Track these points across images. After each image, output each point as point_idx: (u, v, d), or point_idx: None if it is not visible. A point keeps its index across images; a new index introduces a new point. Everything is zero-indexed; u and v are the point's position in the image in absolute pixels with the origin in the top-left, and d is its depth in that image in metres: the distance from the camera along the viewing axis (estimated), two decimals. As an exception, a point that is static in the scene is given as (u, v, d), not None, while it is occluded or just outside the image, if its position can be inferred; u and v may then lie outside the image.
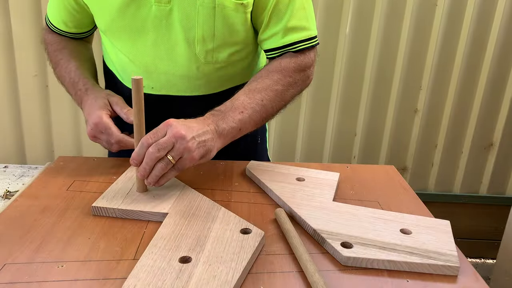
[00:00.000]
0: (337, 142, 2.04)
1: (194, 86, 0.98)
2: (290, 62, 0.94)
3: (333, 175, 0.95)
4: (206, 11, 0.88)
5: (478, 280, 0.66)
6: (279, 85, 0.92)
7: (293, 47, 0.94)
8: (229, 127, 0.84)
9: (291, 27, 0.93)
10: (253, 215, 0.81)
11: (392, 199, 0.89)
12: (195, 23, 0.90)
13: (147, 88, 0.98)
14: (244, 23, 0.92)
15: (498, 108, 2.03)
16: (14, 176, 1.34)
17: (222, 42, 0.93)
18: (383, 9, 1.85)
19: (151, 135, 0.78)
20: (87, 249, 0.69)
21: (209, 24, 0.90)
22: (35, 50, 1.81)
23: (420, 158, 2.09)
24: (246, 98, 0.89)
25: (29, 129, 1.92)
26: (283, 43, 0.94)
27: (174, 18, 0.90)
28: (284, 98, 0.94)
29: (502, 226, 2.06)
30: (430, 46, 1.91)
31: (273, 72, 0.93)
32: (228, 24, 0.91)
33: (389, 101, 1.99)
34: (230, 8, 0.89)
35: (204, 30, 0.90)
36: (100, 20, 0.95)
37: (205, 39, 0.91)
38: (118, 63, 1.02)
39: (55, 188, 0.88)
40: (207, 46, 0.93)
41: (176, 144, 0.77)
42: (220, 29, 0.91)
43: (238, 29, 0.92)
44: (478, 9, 1.87)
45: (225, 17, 0.90)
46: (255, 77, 0.94)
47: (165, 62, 0.95)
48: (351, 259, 0.67)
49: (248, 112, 0.87)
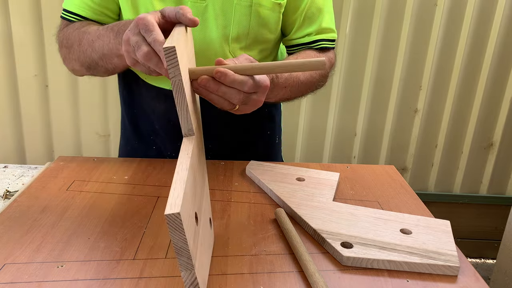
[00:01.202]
0: (337, 142, 2.04)
1: None
2: (319, 55, 0.98)
3: (333, 175, 0.95)
4: (243, 10, 0.89)
5: (478, 280, 0.66)
6: (316, 75, 0.95)
7: (316, 44, 0.98)
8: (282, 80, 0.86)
9: (323, 28, 0.98)
10: (253, 215, 0.81)
11: (392, 199, 0.89)
12: (231, 21, 0.90)
13: None
14: (276, 22, 0.94)
15: (498, 108, 2.03)
16: (14, 176, 1.34)
17: (254, 40, 0.94)
18: (383, 9, 1.85)
19: (241, 86, 0.66)
20: (87, 249, 0.69)
21: (245, 23, 0.91)
22: (35, 50, 1.81)
23: (420, 158, 2.09)
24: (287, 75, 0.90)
25: (29, 129, 1.92)
26: (310, 39, 0.98)
27: (209, 15, 0.89)
28: (314, 88, 0.97)
29: (502, 226, 2.06)
30: (430, 46, 1.91)
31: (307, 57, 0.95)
32: (263, 23, 0.92)
33: (389, 101, 1.99)
34: (266, 7, 0.90)
35: (239, 28, 0.91)
36: (133, 17, 0.91)
37: (240, 37, 0.92)
38: None
39: (55, 188, 0.88)
40: (241, 43, 0.93)
41: (258, 90, 0.69)
42: (254, 28, 0.92)
43: (271, 28, 0.94)
44: (478, 9, 1.87)
45: (260, 16, 0.91)
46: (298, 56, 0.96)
47: (198, 59, 0.92)
48: (351, 259, 0.67)
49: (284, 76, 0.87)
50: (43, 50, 1.81)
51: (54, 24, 1.04)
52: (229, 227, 0.77)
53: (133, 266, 0.65)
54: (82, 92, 1.88)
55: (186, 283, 0.53)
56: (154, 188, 0.90)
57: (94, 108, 1.91)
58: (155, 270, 0.65)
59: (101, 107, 1.91)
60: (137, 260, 0.67)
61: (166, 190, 0.89)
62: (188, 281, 0.53)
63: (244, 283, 0.63)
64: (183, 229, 0.49)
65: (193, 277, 0.52)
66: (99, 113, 1.92)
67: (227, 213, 0.82)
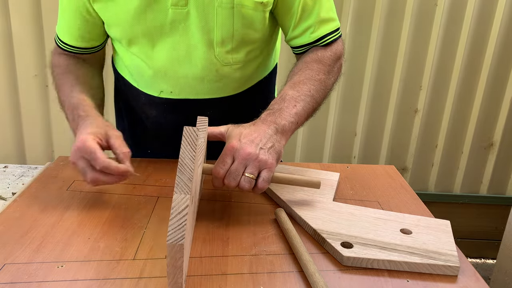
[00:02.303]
0: (337, 142, 2.04)
1: (213, 89, 0.97)
2: (325, 52, 0.94)
3: (333, 175, 0.95)
4: (225, 12, 0.87)
5: (478, 280, 0.66)
6: (321, 74, 0.91)
7: (322, 41, 0.95)
8: (288, 122, 0.82)
9: (322, 19, 0.94)
10: (253, 215, 0.81)
11: (392, 199, 0.89)
12: (214, 25, 0.88)
13: (166, 93, 0.97)
14: (262, 21, 0.91)
15: (498, 108, 2.03)
16: (14, 176, 1.34)
17: (240, 42, 0.92)
18: (383, 9, 1.85)
19: (221, 165, 0.75)
20: (87, 249, 0.69)
21: (228, 25, 0.89)
22: (35, 50, 1.81)
23: (420, 158, 2.09)
24: (294, 91, 0.87)
25: (29, 129, 1.92)
26: (314, 38, 0.94)
27: (191, 21, 0.88)
28: (327, 87, 0.93)
29: (502, 226, 2.06)
30: (430, 46, 1.91)
31: (312, 63, 0.92)
32: (247, 23, 0.90)
33: (389, 101, 1.99)
34: (249, 7, 0.88)
35: (223, 32, 0.89)
36: (115, 28, 0.92)
37: (224, 40, 0.90)
38: (134, 68, 0.98)
39: (55, 188, 0.88)
40: (226, 47, 0.91)
41: (249, 163, 0.74)
42: (238, 29, 0.90)
43: (256, 27, 0.92)
44: (478, 9, 1.87)
45: (244, 16, 0.88)
46: (293, 71, 0.93)
47: (184, 66, 0.93)
48: (351, 259, 0.67)
49: (301, 105, 0.85)
50: (43, 50, 1.81)
51: (54, 24, 1.04)
52: (229, 227, 0.77)
53: (133, 266, 0.65)
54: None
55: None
56: (154, 188, 0.89)
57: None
58: (155, 270, 0.65)
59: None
60: (137, 260, 0.67)
61: (166, 190, 0.89)
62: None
63: (244, 283, 0.63)
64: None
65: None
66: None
67: (227, 213, 0.82)
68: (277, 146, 0.78)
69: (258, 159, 0.74)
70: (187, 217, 0.57)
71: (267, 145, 0.76)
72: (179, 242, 0.55)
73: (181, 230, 0.56)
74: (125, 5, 0.87)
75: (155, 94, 0.98)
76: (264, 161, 0.75)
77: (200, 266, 0.66)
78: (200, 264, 0.67)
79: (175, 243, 0.55)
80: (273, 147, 0.77)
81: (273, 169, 0.77)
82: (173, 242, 0.55)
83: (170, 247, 0.55)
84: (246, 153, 0.74)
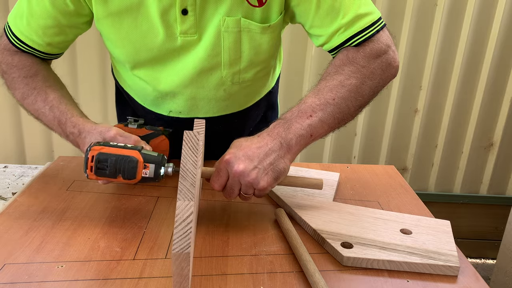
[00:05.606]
0: (337, 142, 2.04)
1: (221, 107, 0.96)
2: (357, 51, 0.83)
3: (333, 175, 0.95)
4: (232, 36, 0.85)
5: (478, 280, 0.66)
6: (352, 79, 0.81)
7: (353, 41, 0.83)
8: (297, 135, 0.76)
9: (349, 21, 0.82)
10: (253, 215, 0.81)
11: (392, 199, 0.89)
12: (221, 49, 0.86)
13: (175, 113, 0.96)
14: (270, 42, 0.88)
15: (498, 108, 2.03)
16: (14, 176, 1.34)
17: (249, 63, 0.89)
18: (383, 9, 1.85)
19: (216, 180, 0.74)
20: (87, 249, 0.69)
21: (235, 48, 0.86)
22: (35, 50, 1.81)
23: (420, 158, 2.09)
24: (315, 99, 0.79)
25: (29, 129, 1.92)
26: (343, 38, 0.83)
27: (200, 46, 0.86)
28: (361, 93, 0.82)
29: (502, 226, 2.06)
30: (430, 46, 1.90)
31: (342, 66, 0.83)
32: (255, 45, 0.87)
33: (389, 101, 1.99)
34: (255, 31, 0.85)
35: (231, 55, 0.87)
36: (121, 51, 0.89)
37: (232, 62, 0.88)
38: (139, 90, 0.97)
39: (55, 188, 0.88)
40: (234, 68, 0.89)
41: (241, 181, 0.72)
42: (246, 51, 0.87)
43: (264, 48, 0.88)
44: (478, 9, 1.87)
45: (251, 39, 0.86)
46: (323, 76, 0.84)
47: (191, 88, 0.91)
48: (351, 259, 0.67)
49: (318, 115, 0.78)
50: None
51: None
52: (229, 227, 0.77)
53: (133, 266, 0.65)
54: (82, 92, 1.88)
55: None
56: (154, 188, 0.89)
57: (93, 109, 1.90)
58: (155, 270, 0.65)
59: (101, 108, 1.91)
60: (137, 260, 0.67)
61: (166, 190, 0.89)
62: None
63: (244, 283, 0.63)
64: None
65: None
66: (98, 113, 1.92)
67: (227, 213, 0.82)
68: (278, 164, 0.73)
69: (250, 178, 0.71)
70: (192, 225, 0.57)
71: (263, 163, 0.72)
72: (185, 251, 0.54)
73: (186, 238, 0.55)
74: (132, 30, 0.84)
75: (164, 113, 0.97)
76: (256, 183, 0.72)
77: (200, 266, 0.66)
78: (200, 264, 0.67)
79: (181, 252, 0.54)
80: (272, 165, 0.73)
81: (266, 191, 0.74)
82: (179, 251, 0.54)
83: (175, 256, 0.54)
84: (238, 171, 0.71)
